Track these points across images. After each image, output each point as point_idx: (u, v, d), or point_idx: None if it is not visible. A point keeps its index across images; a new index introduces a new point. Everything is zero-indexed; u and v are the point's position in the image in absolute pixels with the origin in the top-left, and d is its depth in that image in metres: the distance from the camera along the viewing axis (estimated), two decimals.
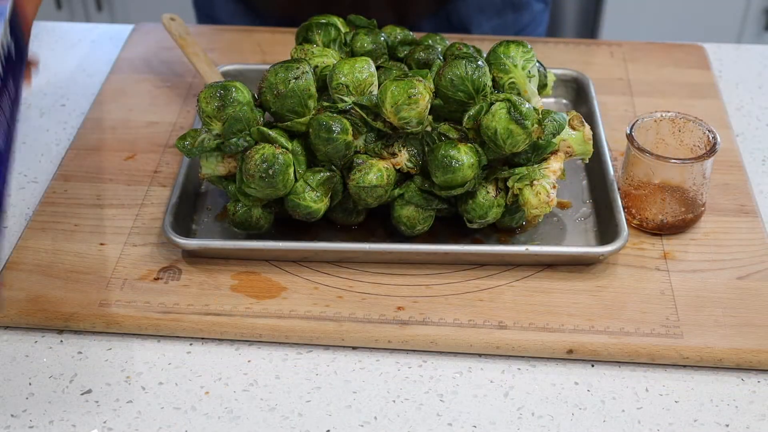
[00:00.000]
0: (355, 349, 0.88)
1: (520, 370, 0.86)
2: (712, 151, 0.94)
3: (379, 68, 0.97)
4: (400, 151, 0.92)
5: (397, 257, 0.93)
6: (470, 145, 0.90)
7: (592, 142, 0.94)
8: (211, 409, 0.82)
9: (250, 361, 0.86)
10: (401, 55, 1.03)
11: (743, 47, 1.30)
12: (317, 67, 0.95)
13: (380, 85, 0.92)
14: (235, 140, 0.90)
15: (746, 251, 0.95)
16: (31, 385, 0.84)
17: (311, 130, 0.90)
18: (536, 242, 0.96)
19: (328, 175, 0.92)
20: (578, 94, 1.13)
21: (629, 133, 0.95)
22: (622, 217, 0.93)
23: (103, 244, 0.96)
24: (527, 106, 0.88)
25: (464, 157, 0.88)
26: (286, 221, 0.97)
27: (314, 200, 0.91)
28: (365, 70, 0.92)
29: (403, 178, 0.94)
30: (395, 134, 0.92)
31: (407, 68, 0.99)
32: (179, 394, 0.83)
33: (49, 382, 0.84)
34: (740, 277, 0.92)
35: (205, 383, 0.84)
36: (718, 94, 1.17)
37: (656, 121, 0.98)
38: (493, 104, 0.89)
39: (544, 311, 0.88)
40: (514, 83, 0.92)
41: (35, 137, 1.14)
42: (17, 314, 0.88)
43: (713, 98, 1.16)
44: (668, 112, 0.98)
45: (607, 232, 0.94)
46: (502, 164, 0.93)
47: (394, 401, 0.83)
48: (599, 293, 0.90)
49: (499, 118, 0.87)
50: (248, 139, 0.91)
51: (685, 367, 0.86)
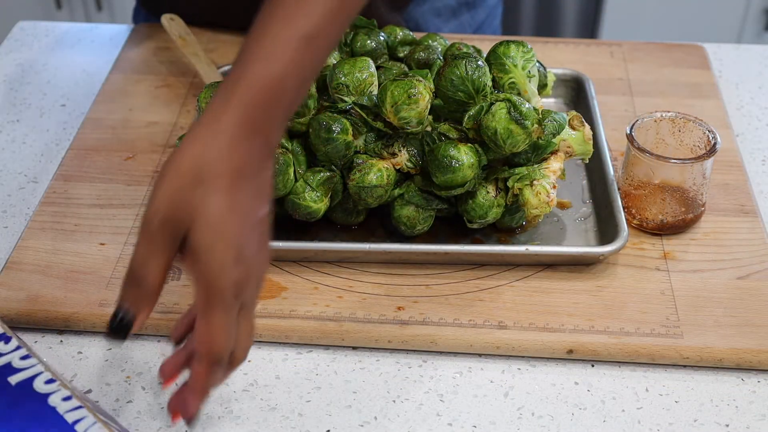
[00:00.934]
0: (355, 349, 0.88)
1: (520, 370, 0.86)
2: (712, 151, 0.94)
3: (379, 68, 0.97)
4: (400, 151, 0.92)
5: (397, 257, 0.93)
6: (470, 145, 0.90)
7: (592, 142, 0.94)
8: (211, 409, 0.82)
9: (250, 361, 0.86)
10: (401, 55, 1.03)
11: (743, 47, 1.30)
12: None
13: (380, 85, 0.92)
14: None
15: (746, 251, 0.95)
16: None
17: (311, 130, 0.90)
18: (536, 242, 0.96)
19: (328, 175, 0.92)
20: (578, 94, 1.13)
21: (629, 133, 0.95)
22: (622, 217, 0.93)
23: (103, 244, 0.96)
24: (527, 106, 0.88)
25: (464, 157, 0.88)
26: (286, 221, 0.97)
27: (314, 200, 0.91)
28: (365, 70, 0.92)
29: (403, 178, 0.94)
30: (395, 134, 0.92)
31: (407, 68, 1.00)
32: None
33: None
34: (740, 277, 0.92)
35: None
36: (718, 94, 1.17)
37: (656, 121, 0.98)
38: (493, 104, 0.89)
39: (544, 311, 0.88)
40: (514, 83, 0.92)
41: (35, 137, 1.14)
42: (17, 314, 0.88)
43: (713, 98, 1.16)
44: (668, 112, 0.98)
45: (607, 232, 0.94)
46: (502, 164, 0.93)
47: (394, 401, 0.83)
48: (599, 293, 0.90)
49: (499, 118, 0.87)
50: None
51: (685, 367, 0.86)
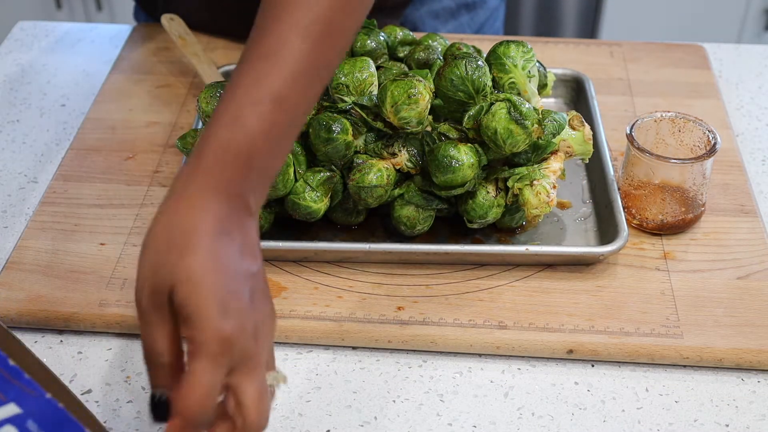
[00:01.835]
0: (355, 349, 0.88)
1: (520, 370, 0.86)
2: (712, 151, 0.94)
3: (379, 68, 0.97)
4: (400, 151, 0.92)
5: (397, 257, 0.93)
6: (470, 145, 0.90)
7: (592, 142, 0.94)
8: None
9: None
10: (401, 55, 1.03)
11: (743, 47, 1.30)
12: None
13: (380, 85, 0.92)
14: None
15: (746, 251, 0.95)
16: None
17: (311, 130, 0.90)
18: (536, 242, 0.96)
19: (328, 175, 0.92)
20: (578, 94, 1.13)
21: (629, 133, 0.95)
22: (622, 217, 0.93)
23: (103, 244, 0.96)
24: (527, 106, 0.88)
25: (464, 157, 0.88)
26: (286, 221, 0.97)
27: (314, 200, 0.91)
28: (365, 70, 0.92)
29: (403, 178, 0.94)
30: (395, 134, 0.92)
31: (407, 68, 1.00)
32: None
33: None
34: (740, 277, 0.92)
35: None
36: (718, 94, 1.17)
37: (656, 121, 0.98)
38: (493, 104, 0.89)
39: (544, 311, 0.88)
40: (514, 83, 0.92)
41: (35, 137, 1.14)
42: (17, 314, 0.88)
43: (713, 98, 1.16)
44: (668, 112, 0.98)
45: (607, 232, 0.94)
46: (502, 164, 0.93)
47: (394, 401, 0.83)
48: (599, 293, 0.90)
49: (499, 118, 0.87)
50: None
51: (685, 367, 0.86)
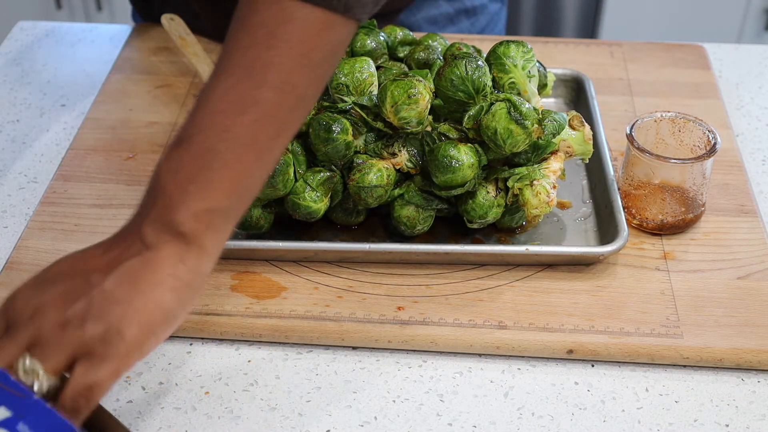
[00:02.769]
0: (355, 349, 0.88)
1: (520, 370, 0.86)
2: (712, 151, 0.94)
3: (379, 68, 0.97)
4: (400, 151, 0.92)
5: (397, 257, 0.93)
6: (470, 145, 0.90)
7: (592, 142, 0.94)
8: (211, 409, 0.82)
9: (250, 361, 0.86)
10: (401, 55, 1.03)
11: (743, 47, 1.30)
12: None
13: (380, 85, 0.92)
14: None
15: (746, 251, 0.95)
16: None
17: (311, 130, 0.90)
18: (536, 242, 0.96)
19: (328, 175, 0.92)
20: (578, 94, 1.13)
21: (629, 133, 0.95)
22: (622, 217, 0.93)
23: None
24: (527, 106, 0.88)
25: (464, 157, 0.88)
26: (286, 221, 0.97)
27: (314, 200, 0.91)
28: (365, 70, 0.92)
29: (403, 178, 0.94)
30: (395, 134, 0.92)
31: (407, 68, 1.00)
32: (179, 394, 0.83)
33: None
34: (740, 277, 0.92)
35: (205, 383, 0.84)
36: (718, 94, 1.17)
37: (656, 121, 0.98)
38: (493, 104, 0.89)
39: (544, 311, 0.88)
40: (514, 83, 0.92)
41: (35, 137, 1.14)
42: None
43: (713, 98, 1.16)
44: (668, 112, 0.98)
45: (607, 232, 0.94)
46: (502, 164, 0.93)
47: (394, 401, 0.83)
48: (599, 293, 0.90)
49: (499, 118, 0.87)
50: None
51: (685, 367, 0.86)
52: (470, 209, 0.92)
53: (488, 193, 0.92)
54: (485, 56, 0.95)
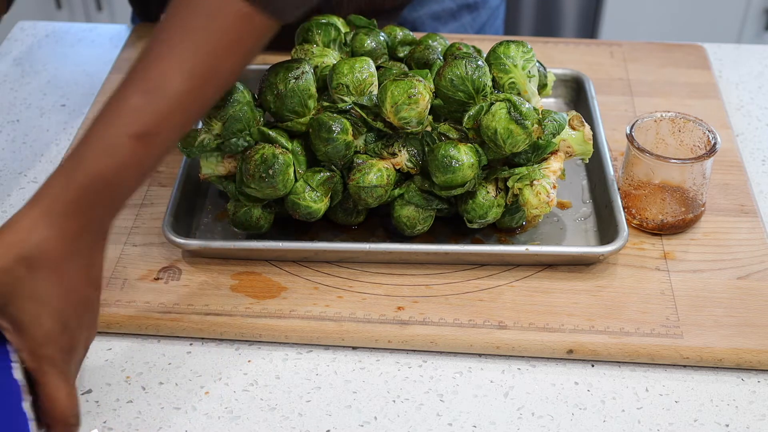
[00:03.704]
0: (355, 349, 0.88)
1: (520, 370, 0.86)
2: (712, 151, 0.94)
3: (379, 68, 0.97)
4: (400, 151, 0.92)
5: (397, 257, 0.93)
6: (470, 145, 0.90)
7: (592, 142, 0.94)
8: (211, 409, 0.82)
9: (250, 361, 0.86)
10: (401, 55, 1.03)
11: (743, 47, 1.30)
12: (317, 67, 0.95)
13: (380, 85, 0.92)
14: (235, 140, 0.90)
15: (746, 251, 0.95)
16: None
17: (311, 130, 0.90)
18: (536, 242, 0.96)
19: (328, 175, 0.92)
20: (578, 94, 1.13)
21: (629, 133, 0.95)
22: (622, 217, 0.93)
23: None
24: (527, 106, 0.88)
25: (464, 157, 0.88)
26: (286, 221, 0.97)
27: (314, 200, 0.91)
28: (365, 70, 0.92)
29: (403, 178, 0.94)
30: (395, 134, 0.92)
31: (407, 68, 1.00)
32: (179, 394, 0.83)
33: None
34: (740, 277, 0.92)
35: (205, 383, 0.84)
36: (718, 94, 1.17)
37: (656, 121, 0.98)
38: (493, 104, 0.89)
39: (544, 311, 0.88)
40: (514, 83, 0.92)
41: (35, 137, 1.14)
42: None
43: (713, 98, 1.16)
44: (668, 112, 0.98)
45: (607, 232, 0.94)
46: (502, 164, 0.93)
47: (394, 401, 0.83)
48: (599, 293, 0.90)
49: (499, 118, 0.87)
50: (248, 139, 0.91)
51: (685, 367, 0.86)
52: (470, 209, 0.92)
53: (488, 193, 0.92)
54: (485, 56, 0.95)
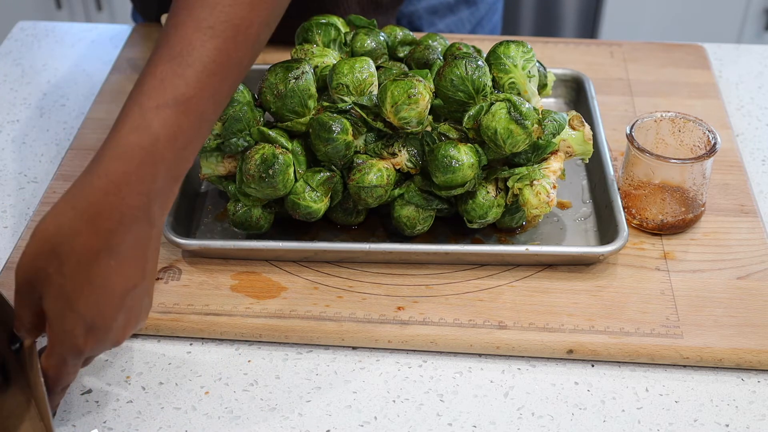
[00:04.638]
0: (355, 349, 0.88)
1: (520, 370, 0.86)
2: (712, 151, 0.94)
3: (379, 68, 0.97)
4: (400, 151, 0.92)
5: (397, 257, 0.93)
6: (470, 145, 0.90)
7: (592, 142, 0.94)
8: (211, 409, 0.82)
9: (250, 361, 0.86)
10: (401, 55, 1.03)
11: (743, 47, 1.30)
12: (317, 67, 0.95)
13: (380, 85, 0.92)
14: (235, 140, 0.90)
15: (746, 251, 0.95)
16: None
17: (311, 130, 0.90)
18: (536, 242, 0.96)
19: (328, 175, 0.92)
20: (578, 94, 1.13)
21: (629, 133, 0.95)
22: (622, 217, 0.93)
23: None
24: (527, 106, 0.88)
25: (464, 157, 0.88)
26: (286, 221, 0.97)
27: (314, 200, 0.91)
28: (365, 70, 0.92)
29: (403, 178, 0.94)
30: (395, 134, 0.92)
31: (407, 68, 1.00)
32: (179, 394, 0.83)
33: None
34: (740, 277, 0.92)
35: (205, 383, 0.84)
36: (718, 94, 1.17)
37: (656, 121, 0.98)
38: (493, 104, 0.89)
39: (544, 311, 0.88)
40: (514, 83, 0.92)
41: (35, 137, 1.14)
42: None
43: (713, 98, 1.16)
44: (668, 112, 0.98)
45: (607, 232, 0.94)
46: (502, 164, 0.93)
47: (394, 401, 0.83)
48: (599, 293, 0.90)
49: (499, 118, 0.87)
50: (248, 139, 0.91)
51: (685, 367, 0.86)
52: (470, 209, 0.92)
53: (488, 193, 0.92)
54: (485, 56, 0.95)
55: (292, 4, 0.82)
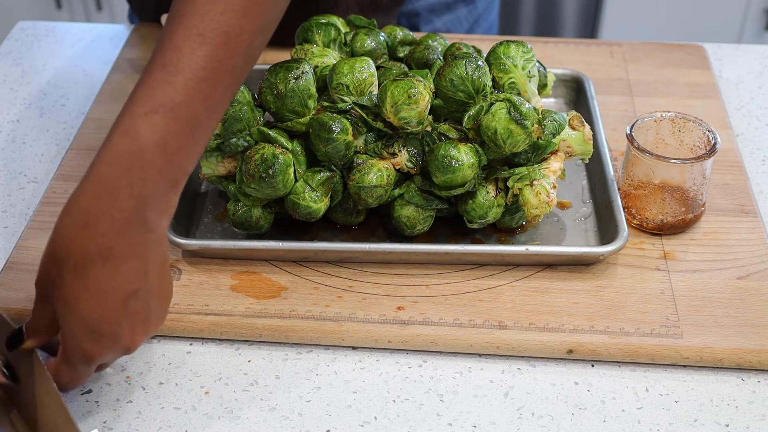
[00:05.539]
0: (355, 349, 0.88)
1: (520, 370, 0.86)
2: (712, 151, 0.94)
3: (379, 68, 0.97)
4: (400, 151, 0.92)
5: (397, 257, 0.93)
6: (470, 145, 0.90)
7: (592, 142, 0.94)
8: (211, 409, 0.82)
9: (250, 361, 0.86)
10: (401, 55, 1.03)
11: (743, 47, 1.30)
12: (317, 67, 0.95)
13: (380, 85, 0.92)
14: (235, 140, 0.90)
15: (746, 251, 0.95)
16: None
17: (311, 130, 0.90)
18: (536, 242, 0.96)
19: (328, 175, 0.92)
20: (578, 94, 1.13)
21: (629, 133, 0.95)
22: (622, 217, 0.93)
23: None
24: (527, 106, 0.88)
25: (464, 157, 0.88)
26: (286, 221, 0.97)
27: (314, 200, 0.91)
28: (365, 70, 0.92)
29: (403, 178, 0.94)
30: (395, 134, 0.92)
31: (407, 68, 1.00)
32: (179, 394, 0.83)
33: None
34: (740, 277, 0.92)
35: (205, 383, 0.84)
36: (718, 94, 1.17)
37: (656, 121, 0.98)
38: (493, 104, 0.89)
39: (544, 311, 0.88)
40: (514, 83, 0.92)
41: (35, 137, 1.14)
42: (17, 314, 0.88)
43: (713, 98, 1.16)
44: (668, 112, 0.98)
45: (607, 232, 0.94)
46: (502, 164, 0.93)
47: (394, 401, 0.83)
48: (599, 293, 0.90)
49: (499, 118, 0.87)
50: (248, 139, 0.91)
51: (685, 367, 0.86)
52: (470, 209, 0.92)
53: (488, 193, 0.92)
54: (485, 56, 0.95)
55: (291, 4, 0.82)
